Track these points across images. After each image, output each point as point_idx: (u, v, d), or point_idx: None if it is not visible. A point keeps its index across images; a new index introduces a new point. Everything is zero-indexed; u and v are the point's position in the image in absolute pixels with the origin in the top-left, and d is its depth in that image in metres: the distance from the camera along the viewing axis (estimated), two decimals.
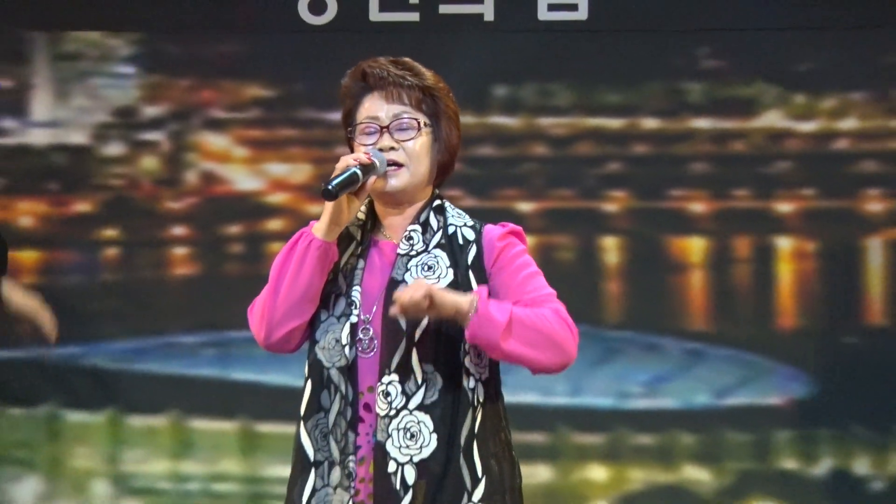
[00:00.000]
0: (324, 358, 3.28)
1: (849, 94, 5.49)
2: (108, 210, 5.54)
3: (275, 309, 3.30)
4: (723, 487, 5.46)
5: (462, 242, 3.33)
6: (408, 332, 3.25)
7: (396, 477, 3.22)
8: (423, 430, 3.23)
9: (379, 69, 3.35)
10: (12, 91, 5.58)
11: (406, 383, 3.24)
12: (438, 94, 3.38)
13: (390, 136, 3.29)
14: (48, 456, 5.54)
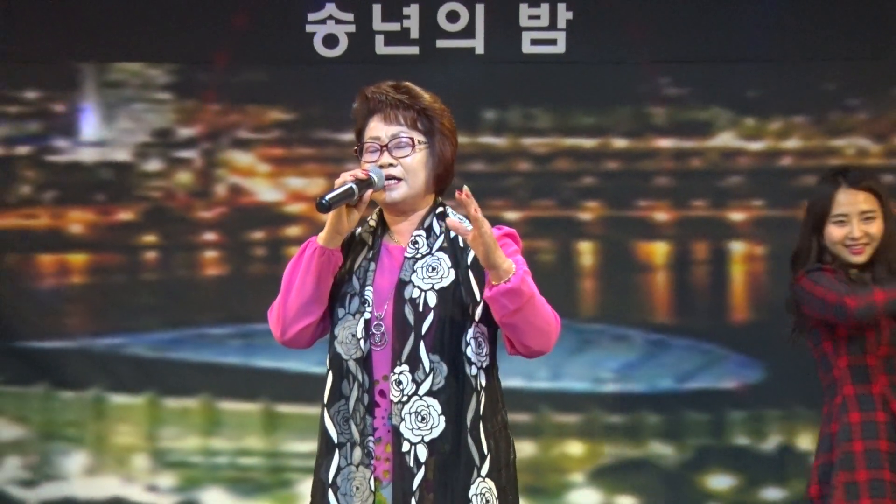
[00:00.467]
0: (342, 351, 3.30)
1: (792, 117, 5.48)
2: (147, 218, 5.53)
3: (287, 310, 3.32)
4: (684, 461, 5.46)
5: (463, 245, 3.34)
6: (416, 327, 3.28)
7: (410, 455, 3.24)
8: (433, 414, 3.26)
9: (379, 94, 3.35)
10: (65, 115, 5.56)
11: (416, 372, 3.26)
12: (433, 114, 3.37)
13: (389, 153, 3.30)
14: (94, 433, 5.53)
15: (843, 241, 4.37)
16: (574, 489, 5.50)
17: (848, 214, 4.37)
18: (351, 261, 3.36)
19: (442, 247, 3.34)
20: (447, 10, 5.48)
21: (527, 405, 5.46)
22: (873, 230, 4.37)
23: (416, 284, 3.31)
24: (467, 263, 3.33)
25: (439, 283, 3.30)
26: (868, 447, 4.32)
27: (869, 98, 5.48)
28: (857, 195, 4.39)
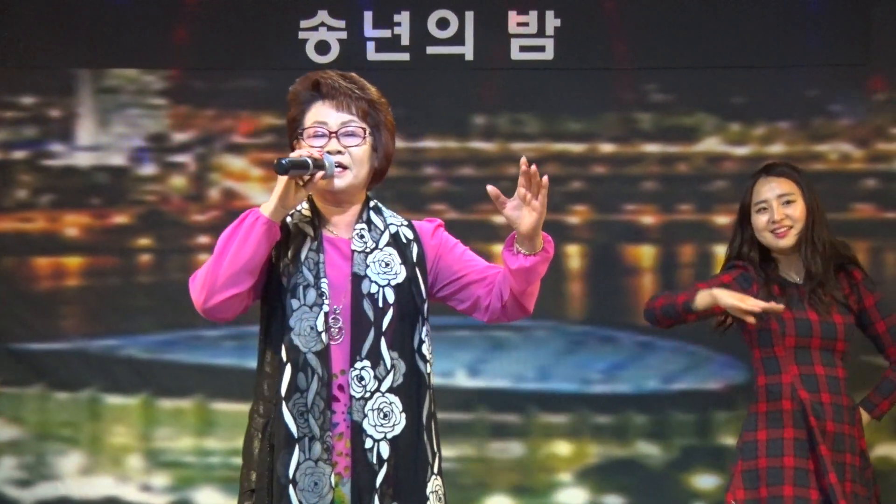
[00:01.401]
0: (301, 343, 3.23)
1: (777, 123, 5.47)
2: (142, 222, 5.52)
3: (217, 277, 3.20)
4: (670, 461, 5.44)
5: (405, 241, 3.37)
6: (375, 322, 3.27)
7: (373, 453, 3.23)
8: (395, 410, 3.25)
9: (332, 80, 3.33)
10: (61, 120, 5.54)
11: (377, 368, 3.25)
12: (380, 108, 3.37)
13: (338, 140, 3.28)
14: (89, 434, 5.50)
15: (767, 227, 4.50)
16: (561, 489, 5.48)
17: (767, 200, 4.51)
18: (294, 250, 3.29)
19: (388, 242, 3.34)
20: (437, 17, 5.48)
21: (515, 406, 5.47)
22: (794, 212, 4.49)
23: (373, 279, 3.28)
24: (413, 260, 3.35)
25: (395, 280, 3.30)
26: (771, 437, 4.47)
27: (851, 104, 5.47)
28: (774, 181, 4.53)
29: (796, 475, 4.40)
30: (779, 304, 4.40)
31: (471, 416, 5.49)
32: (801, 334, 4.48)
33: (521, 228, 3.26)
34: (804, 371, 4.48)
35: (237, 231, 3.20)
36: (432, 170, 5.54)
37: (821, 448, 4.40)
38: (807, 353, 4.49)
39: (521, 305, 3.35)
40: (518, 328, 5.48)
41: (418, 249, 3.37)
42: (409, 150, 5.52)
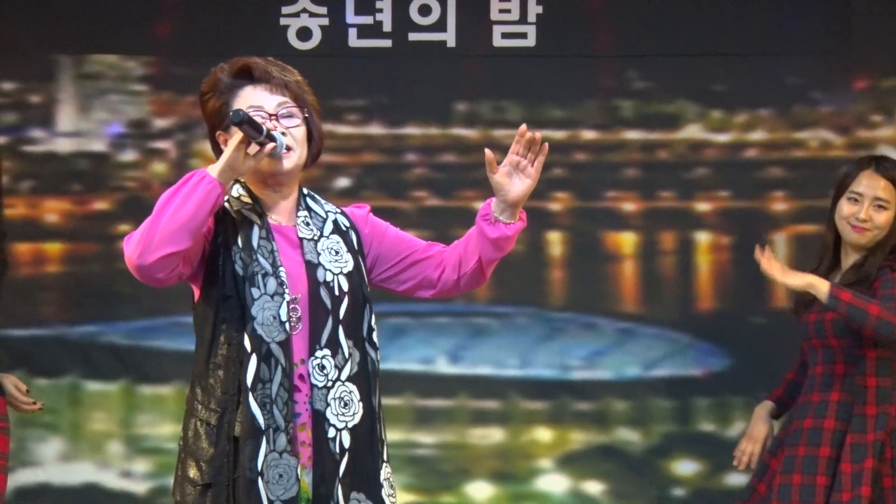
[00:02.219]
0: (264, 333, 3.16)
1: (757, 110, 5.48)
2: (123, 208, 5.49)
3: (155, 233, 3.09)
4: (650, 447, 5.46)
5: (344, 229, 3.32)
6: (333, 311, 3.21)
7: (335, 442, 3.17)
8: (354, 399, 3.21)
9: (262, 64, 3.26)
10: (41, 106, 5.53)
11: (336, 357, 3.20)
12: (307, 90, 3.30)
13: (278, 122, 3.20)
14: (70, 420, 5.49)
15: (848, 218, 4.40)
16: (542, 475, 5.47)
17: (862, 195, 4.40)
18: (244, 237, 3.20)
19: (332, 230, 3.30)
20: (419, 3, 5.47)
21: (496, 392, 5.48)
22: (881, 219, 4.40)
23: (327, 268, 3.24)
24: (355, 248, 3.30)
25: (346, 268, 3.25)
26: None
27: (832, 91, 5.48)
28: (878, 181, 4.41)
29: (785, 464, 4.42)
30: None
31: (451, 403, 5.49)
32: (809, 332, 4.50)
33: (509, 195, 3.25)
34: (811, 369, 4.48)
35: (180, 189, 3.07)
36: (414, 156, 5.54)
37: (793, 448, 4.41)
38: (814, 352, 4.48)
39: (484, 274, 3.32)
40: (499, 315, 5.52)
41: (356, 236, 3.32)
42: (390, 137, 5.52)
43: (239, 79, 3.23)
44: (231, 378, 3.16)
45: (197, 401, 3.20)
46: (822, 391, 4.43)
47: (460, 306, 5.48)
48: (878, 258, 4.43)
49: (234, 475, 3.14)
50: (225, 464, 3.14)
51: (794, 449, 4.42)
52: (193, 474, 3.17)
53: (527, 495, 5.49)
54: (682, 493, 5.43)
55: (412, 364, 5.42)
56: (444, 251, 3.36)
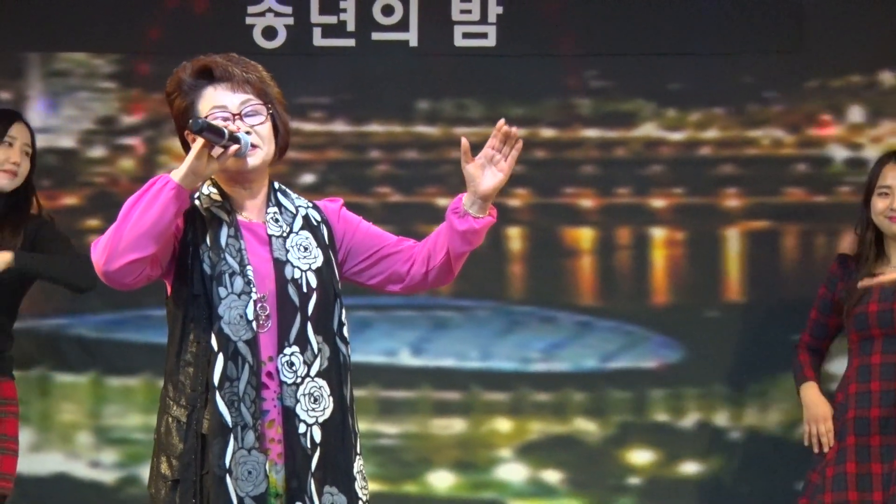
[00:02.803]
0: (231, 332, 3.14)
1: (711, 109, 5.46)
2: (91, 203, 5.46)
3: (119, 239, 3.06)
4: (607, 437, 5.43)
5: (315, 224, 3.29)
6: (301, 308, 3.19)
7: (306, 437, 3.16)
8: (324, 394, 3.19)
9: (221, 63, 3.23)
10: (11, 102, 5.44)
11: (305, 353, 3.18)
12: (270, 84, 3.25)
13: (242, 121, 3.16)
14: (39, 411, 5.43)
15: (884, 213, 4.50)
16: (502, 464, 5.47)
17: (891, 187, 4.51)
18: (212, 236, 3.19)
19: (302, 226, 3.27)
20: (382, 3, 5.44)
21: (458, 384, 5.47)
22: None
23: (295, 265, 3.21)
24: (325, 242, 3.28)
25: (314, 263, 3.23)
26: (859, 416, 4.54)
27: (784, 91, 5.45)
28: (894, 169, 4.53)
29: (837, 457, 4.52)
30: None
31: (414, 394, 5.48)
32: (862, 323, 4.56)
33: (480, 188, 3.25)
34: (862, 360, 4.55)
35: (144, 195, 3.04)
36: (377, 153, 5.51)
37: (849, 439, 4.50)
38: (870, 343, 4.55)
39: (452, 269, 3.31)
40: (460, 308, 5.51)
41: (328, 231, 3.30)
42: (354, 134, 5.49)
43: (201, 78, 3.21)
44: (200, 376, 3.15)
45: (168, 397, 3.20)
46: (886, 380, 4.50)
47: (423, 300, 5.43)
48: None
49: (202, 471, 3.14)
50: (193, 460, 3.14)
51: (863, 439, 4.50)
52: (165, 470, 3.17)
53: (487, 484, 5.47)
54: (637, 481, 5.43)
55: (376, 356, 5.41)
56: (414, 246, 3.35)
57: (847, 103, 5.45)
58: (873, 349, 4.51)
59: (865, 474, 4.49)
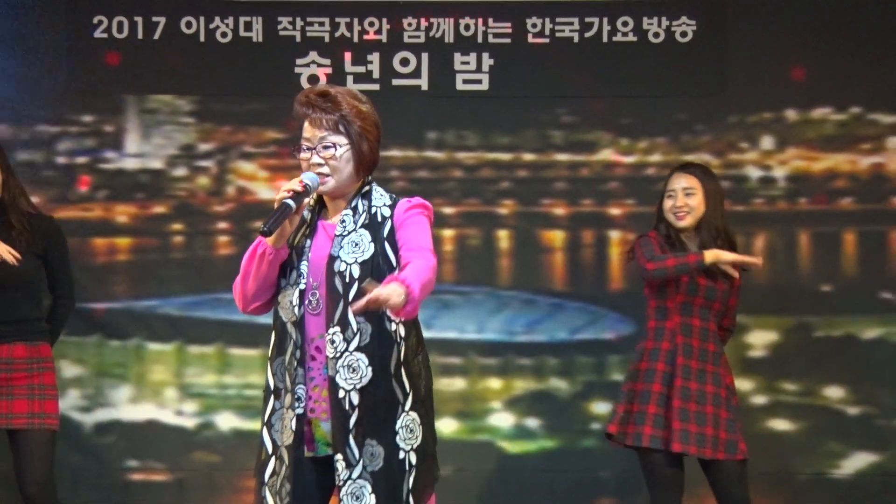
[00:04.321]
0: (283, 315, 3.14)
1: (655, 139, 5.44)
2: (175, 211, 5.50)
3: (246, 293, 3.15)
4: (575, 392, 5.44)
5: (380, 220, 3.17)
6: (344, 295, 3.10)
7: (345, 401, 3.09)
8: (361, 365, 3.10)
9: (308, 102, 3.15)
10: (113, 133, 5.49)
11: (346, 332, 3.10)
12: (351, 118, 3.15)
13: (317, 154, 3.13)
14: (136, 372, 5.47)
15: (671, 210, 4.52)
16: (494, 413, 5.48)
17: (675, 190, 4.52)
18: (293, 236, 3.17)
19: (364, 224, 3.17)
20: (400, 57, 5.44)
21: (458, 351, 5.48)
22: (693, 202, 4.48)
23: (343, 259, 3.12)
24: (384, 236, 3.16)
25: (361, 257, 3.13)
26: (649, 367, 4.47)
27: (710, 125, 5.45)
28: (682, 177, 4.53)
29: (659, 398, 4.41)
30: (757, 258, 4.48)
31: None
32: (689, 293, 4.46)
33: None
34: (684, 321, 4.46)
35: (252, 259, 3.13)
36: (396, 173, 5.49)
37: (677, 380, 4.40)
38: (690, 308, 4.47)
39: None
40: (460, 293, 5.47)
41: (390, 225, 3.17)
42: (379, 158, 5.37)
43: (298, 111, 3.18)
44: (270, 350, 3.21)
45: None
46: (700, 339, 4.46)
47: None
48: (710, 240, 4.44)
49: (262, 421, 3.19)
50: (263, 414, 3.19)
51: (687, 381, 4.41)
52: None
53: (482, 429, 5.47)
54: (597, 426, 5.36)
55: None
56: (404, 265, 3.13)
57: (760, 134, 5.43)
58: (693, 312, 4.46)
59: (698, 412, 4.37)
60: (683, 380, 4.41)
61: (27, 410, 4.44)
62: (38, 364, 4.51)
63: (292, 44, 5.44)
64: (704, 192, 4.51)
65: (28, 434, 4.43)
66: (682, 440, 4.34)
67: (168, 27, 5.46)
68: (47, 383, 4.51)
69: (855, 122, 5.38)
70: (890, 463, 5.30)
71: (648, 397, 4.42)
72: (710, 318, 4.49)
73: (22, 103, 5.47)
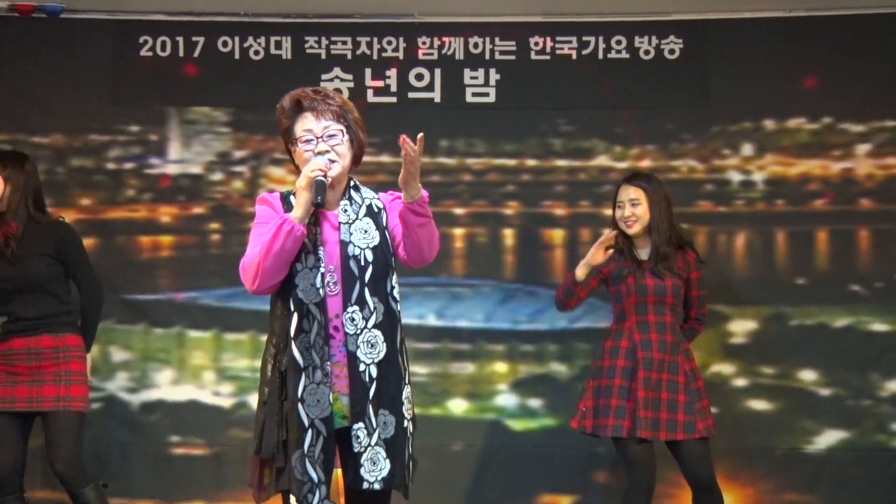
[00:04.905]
0: (304, 297, 3.11)
1: (645, 146, 5.47)
2: (213, 212, 5.53)
3: (265, 271, 3.07)
4: (573, 375, 5.45)
5: (376, 210, 3.22)
6: (360, 277, 3.12)
7: (365, 374, 3.12)
8: (378, 341, 3.13)
9: (309, 96, 3.16)
10: (157, 142, 5.52)
11: (363, 311, 3.12)
12: (348, 110, 3.19)
13: (324, 142, 3.13)
14: (177, 357, 5.49)
15: (620, 220, 4.61)
16: (499, 394, 5.50)
17: (622, 201, 4.61)
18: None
19: (366, 213, 3.19)
20: (415, 72, 5.48)
21: (468, 338, 5.50)
22: (638, 212, 4.56)
23: (356, 244, 3.15)
24: (384, 225, 3.20)
25: (372, 243, 3.16)
26: (611, 364, 4.56)
27: (696, 133, 5.46)
28: (628, 189, 4.61)
29: (620, 391, 4.48)
30: (612, 232, 4.48)
31: (438, 345, 5.51)
32: (639, 294, 4.57)
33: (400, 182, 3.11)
34: (640, 319, 4.56)
35: (277, 236, 3.06)
36: None
37: (639, 373, 4.47)
38: (644, 306, 4.56)
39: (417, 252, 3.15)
40: (470, 286, 5.49)
41: (385, 216, 3.22)
42: (395, 164, 4.47)
43: (296, 107, 3.19)
44: (284, 328, 3.15)
45: (268, 340, 3.24)
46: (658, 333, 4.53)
47: (444, 280, 5.43)
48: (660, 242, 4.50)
49: (282, 398, 3.13)
50: (276, 389, 3.14)
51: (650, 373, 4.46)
52: (261, 392, 3.22)
53: (489, 408, 5.48)
54: None
55: (411, 319, 5.31)
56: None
57: (740, 142, 5.45)
58: (647, 310, 4.53)
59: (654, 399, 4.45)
60: (646, 371, 4.48)
61: (53, 394, 4.46)
62: (65, 353, 4.52)
63: (318, 60, 5.48)
64: (649, 200, 4.57)
65: (56, 416, 4.45)
66: (645, 427, 4.41)
67: (206, 46, 5.50)
68: (73, 370, 4.52)
69: (826, 131, 5.40)
70: (858, 439, 5.33)
71: (611, 391, 4.50)
72: (665, 313, 4.55)
73: (75, 116, 5.51)
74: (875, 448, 5.31)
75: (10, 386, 4.49)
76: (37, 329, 4.49)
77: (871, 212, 5.38)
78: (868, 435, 5.33)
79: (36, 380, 4.48)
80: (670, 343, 4.56)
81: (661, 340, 4.54)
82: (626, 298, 4.58)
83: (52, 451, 4.48)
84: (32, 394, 4.48)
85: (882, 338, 5.32)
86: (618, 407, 4.45)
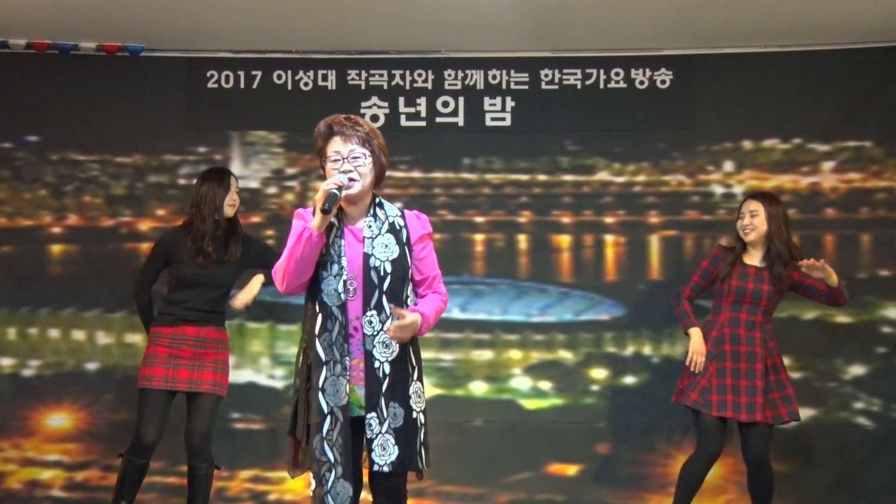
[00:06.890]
0: (328, 300, 3.14)
1: (640, 163, 5.52)
2: (269, 221, 5.54)
3: (292, 275, 3.10)
4: (578, 361, 5.48)
5: (398, 228, 3.22)
6: (379, 285, 3.14)
7: (380, 371, 3.13)
8: (392, 342, 3.14)
9: (339, 123, 3.17)
10: (221, 161, 5.54)
11: (380, 315, 3.14)
12: (373, 137, 3.19)
13: (349, 162, 3.16)
14: (238, 345, 5.47)
15: (741, 228, 4.65)
16: (514, 378, 5.53)
17: (744, 212, 4.66)
18: (328, 237, 3.19)
19: (387, 230, 3.18)
20: (442, 100, 5.54)
21: (487, 329, 5.53)
22: (756, 222, 4.59)
23: (377, 257, 3.16)
24: (404, 241, 3.19)
25: (391, 256, 3.17)
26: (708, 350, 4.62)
27: (684, 152, 5.51)
28: (750, 202, 4.65)
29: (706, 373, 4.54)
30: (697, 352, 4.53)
31: (461, 335, 5.53)
32: (738, 294, 4.58)
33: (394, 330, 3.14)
34: (733, 315, 4.58)
35: (298, 242, 3.10)
36: (438, 190, 5.57)
37: (727, 363, 4.54)
38: (739, 305, 4.58)
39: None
40: (489, 284, 5.51)
41: (406, 233, 3.20)
42: (424, 179, 5.53)
43: (328, 131, 3.23)
44: (310, 327, 3.19)
45: (302, 338, 3.28)
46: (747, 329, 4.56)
47: (466, 279, 5.48)
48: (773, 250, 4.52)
49: (308, 387, 3.17)
50: (304, 379, 3.18)
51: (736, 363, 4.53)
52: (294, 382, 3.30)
53: (505, 390, 5.50)
54: (596, 388, 5.49)
55: None
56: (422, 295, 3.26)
57: (723, 160, 5.49)
58: (742, 308, 4.58)
59: (737, 385, 4.53)
60: (733, 362, 4.55)
61: (211, 379, 4.64)
62: (221, 345, 4.73)
63: (358, 90, 5.55)
64: (767, 214, 4.58)
65: (206, 397, 4.61)
66: (720, 408, 4.50)
67: (263, 79, 5.57)
68: (223, 360, 4.71)
69: (797, 150, 5.46)
70: (824, 416, 5.38)
71: (704, 372, 4.60)
72: (757, 313, 4.58)
73: (152, 138, 5.57)
74: (839, 424, 5.36)
75: (173, 368, 4.61)
76: (207, 321, 4.67)
77: (835, 220, 5.43)
78: (833, 412, 5.37)
79: (196, 365, 4.61)
80: (758, 339, 4.58)
81: (750, 336, 4.56)
82: (725, 296, 4.60)
83: (194, 426, 4.62)
84: (193, 376, 4.62)
85: (845, 328, 5.37)
86: (703, 387, 4.50)
